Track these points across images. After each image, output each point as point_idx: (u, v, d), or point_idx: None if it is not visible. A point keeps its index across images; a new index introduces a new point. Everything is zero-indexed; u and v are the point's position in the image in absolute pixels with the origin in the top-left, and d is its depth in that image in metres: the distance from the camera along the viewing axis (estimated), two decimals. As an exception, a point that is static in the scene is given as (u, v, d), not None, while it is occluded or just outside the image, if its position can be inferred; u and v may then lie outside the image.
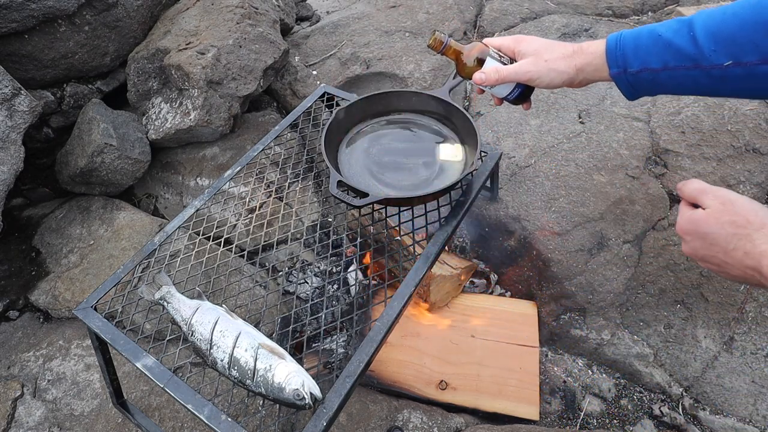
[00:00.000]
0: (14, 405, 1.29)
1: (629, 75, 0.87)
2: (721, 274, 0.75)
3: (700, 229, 0.73)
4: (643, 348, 1.38)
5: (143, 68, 1.84)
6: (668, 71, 0.83)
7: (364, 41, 2.06)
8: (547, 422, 1.33)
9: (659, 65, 0.84)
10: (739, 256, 0.68)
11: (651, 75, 0.85)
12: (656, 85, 0.87)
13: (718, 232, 0.70)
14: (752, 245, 0.66)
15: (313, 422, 0.83)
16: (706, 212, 0.73)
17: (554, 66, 0.92)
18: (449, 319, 1.46)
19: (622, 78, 0.88)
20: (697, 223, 0.74)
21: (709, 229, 0.72)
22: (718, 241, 0.70)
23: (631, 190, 1.45)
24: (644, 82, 0.87)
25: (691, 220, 0.75)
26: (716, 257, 0.72)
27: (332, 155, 1.21)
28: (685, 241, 0.77)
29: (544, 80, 0.93)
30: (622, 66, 0.87)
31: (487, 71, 0.97)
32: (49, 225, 1.70)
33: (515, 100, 1.03)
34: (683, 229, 0.77)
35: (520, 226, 1.46)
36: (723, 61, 0.78)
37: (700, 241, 0.73)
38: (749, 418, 1.27)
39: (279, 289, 1.49)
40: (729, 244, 0.69)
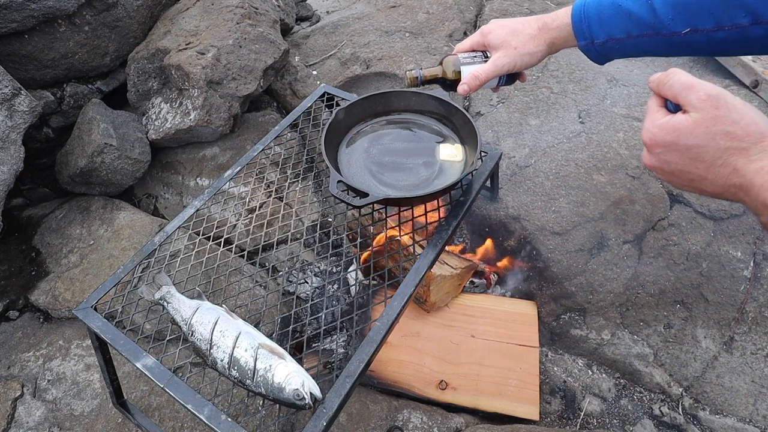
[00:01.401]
0: (14, 405, 1.29)
1: (596, 45, 0.90)
2: (688, 188, 0.65)
3: (681, 140, 0.60)
4: (643, 348, 1.38)
5: (143, 68, 1.84)
6: (632, 39, 0.86)
7: (364, 41, 2.06)
8: (547, 422, 1.33)
9: (623, 35, 0.86)
10: (725, 172, 0.58)
11: (617, 44, 0.88)
12: (624, 52, 0.90)
13: (706, 144, 0.59)
14: (746, 161, 0.57)
15: (313, 422, 0.83)
16: (694, 119, 0.60)
17: (525, 50, 0.94)
18: (449, 319, 1.46)
19: (591, 48, 0.91)
20: (680, 132, 0.61)
21: (695, 141, 0.59)
22: (703, 156, 0.59)
23: (631, 190, 1.45)
24: (612, 51, 0.90)
25: (671, 129, 0.61)
26: (693, 173, 0.61)
27: (332, 155, 1.21)
28: (654, 152, 0.65)
29: (522, 66, 0.96)
30: (589, 38, 0.90)
31: (467, 80, 0.98)
32: (49, 225, 1.70)
33: (506, 84, 1.05)
34: (656, 139, 0.63)
35: (520, 226, 1.46)
36: (681, 29, 0.80)
37: (676, 155, 0.62)
38: (749, 418, 1.27)
39: (279, 289, 1.49)
40: (717, 159, 0.58)
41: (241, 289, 1.37)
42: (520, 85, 1.77)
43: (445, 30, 2.10)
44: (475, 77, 0.96)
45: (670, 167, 0.63)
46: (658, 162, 0.65)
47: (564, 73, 1.77)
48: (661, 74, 0.65)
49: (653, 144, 0.64)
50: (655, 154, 0.64)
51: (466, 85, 0.98)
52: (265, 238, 1.53)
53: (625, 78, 1.74)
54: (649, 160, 0.67)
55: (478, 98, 1.79)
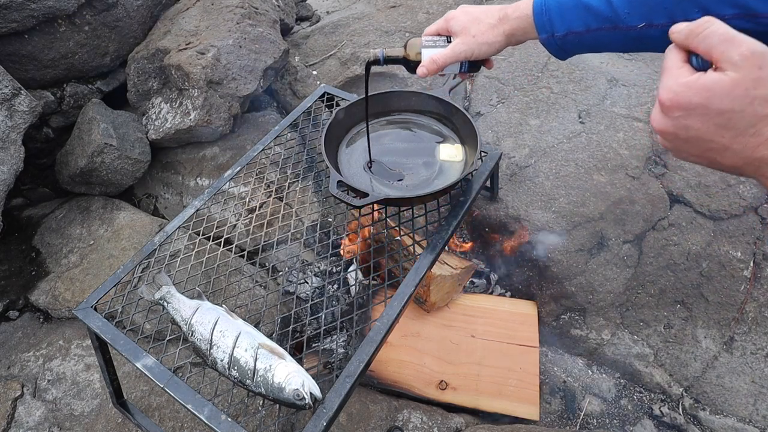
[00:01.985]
0: (14, 405, 1.29)
1: (557, 39, 0.90)
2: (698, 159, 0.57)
3: (714, 103, 0.50)
4: (643, 348, 1.38)
5: (143, 68, 1.84)
6: (591, 33, 0.86)
7: (364, 41, 2.06)
8: (547, 422, 1.33)
9: (582, 28, 0.87)
10: (755, 143, 0.50)
11: (576, 38, 0.89)
12: (583, 46, 0.90)
13: (742, 110, 0.49)
14: None
15: (313, 422, 0.83)
16: (732, 79, 0.49)
17: (483, 40, 0.95)
18: (449, 319, 1.46)
19: (551, 42, 0.91)
20: (713, 94, 0.50)
21: (730, 105, 0.50)
22: (736, 123, 0.50)
23: (631, 190, 1.45)
24: (571, 44, 0.90)
25: (702, 88, 0.51)
26: (715, 141, 0.52)
27: (332, 155, 1.21)
28: (671, 115, 0.54)
29: (479, 55, 0.97)
30: (550, 30, 0.90)
31: (426, 64, 0.99)
32: (49, 225, 1.70)
33: (470, 71, 1.05)
34: (680, 100, 0.53)
35: (520, 226, 1.46)
36: (637, 23, 0.80)
37: (702, 120, 0.52)
38: (749, 418, 1.27)
39: (279, 289, 1.49)
40: (750, 128, 0.50)
41: (241, 289, 1.37)
42: (520, 85, 1.77)
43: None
44: (432, 61, 0.98)
45: (688, 133, 0.54)
46: (674, 127, 0.54)
47: (564, 73, 1.77)
48: (693, 23, 0.54)
49: (675, 105, 0.53)
50: (674, 117, 0.54)
51: (425, 68, 0.99)
52: (265, 238, 1.53)
53: (625, 78, 1.74)
54: (663, 124, 0.56)
55: (478, 98, 1.79)
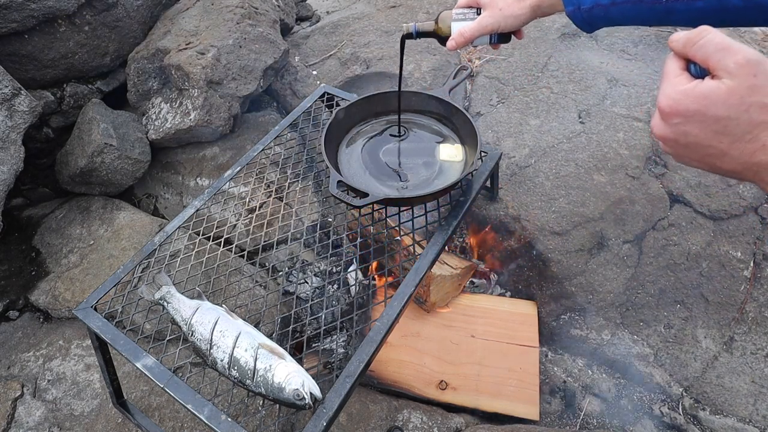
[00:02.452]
0: (14, 405, 1.29)
1: (583, 12, 0.92)
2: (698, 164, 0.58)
3: (710, 111, 0.52)
4: (643, 348, 1.38)
5: (143, 68, 1.84)
6: (617, 6, 0.88)
7: (364, 41, 2.06)
8: (547, 422, 1.33)
9: (608, 1, 0.88)
10: (752, 148, 0.51)
11: (602, 11, 0.90)
12: (609, 20, 0.92)
13: (738, 117, 0.51)
14: None
15: (313, 422, 0.83)
16: (728, 87, 0.51)
17: (509, 12, 0.97)
18: (449, 319, 1.46)
19: (577, 15, 0.93)
20: (710, 101, 0.52)
21: (726, 112, 0.51)
22: (732, 130, 0.51)
23: (631, 190, 1.45)
24: (597, 17, 0.92)
25: (700, 96, 0.53)
26: (714, 147, 0.54)
27: (332, 155, 1.21)
28: (670, 122, 0.56)
29: (506, 27, 0.99)
30: (576, 3, 0.91)
31: (455, 36, 1.02)
32: (49, 225, 1.70)
33: (500, 42, 1.07)
34: (678, 107, 0.54)
35: (520, 226, 1.46)
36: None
37: (700, 126, 0.53)
38: (749, 418, 1.27)
39: (279, 289, 1.49)
40: (747, 134, 0.51)
41: (241, 289, 1.37)
42: (520, 85, 1.77)
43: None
44: (461, 34, 1.01)
45: (687, 139, 0.55)
46: (673, 133, 0.56)
47: (564, 73, 1.77)
48: (690, 32, 0.55)
49: (673, 112, 0.55)
50: (672, 124, 0.55)
51: (454, 41, 1.02)
52: (265, 238, 1.53)
53: (625, 78, 1.74)
54: (663, 130, 0.57)
55: (478, 98, 1.79)
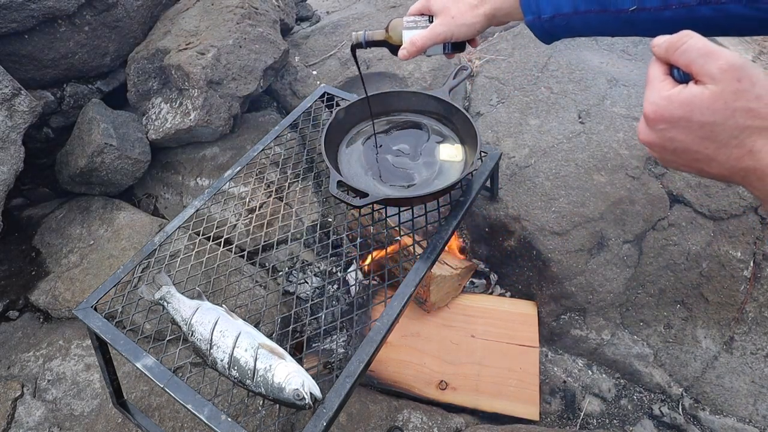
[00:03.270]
0: (14, 405, 1.29)
1: (543, 21, 0.87)
2: (687, 169, 0.58)
3: (695, 116, 0.52)
4: (643, 348, 1.38)
5: (143, 68, 1.84)
6: (580, 15, 0.83)
7: (364, 41, 2.06)
8: (547, 422, 1.33)
9: (570, 9, 0.84)
10: (738, 153, 0.51)
11: (564, 20, 0.86)
12: (570, 30, 0.87)
13: (724, 122, 0.50)
14: (765, 142, 0.50)
15: (313, 422, 0.83)
16: (712, 92, 0.51)
17: (462, 21, 0.93)
18: (449, 319, 1.46)
19: (537, 24, 0.88)
20: (695, 107, 0.52)
21: (711, 118, 0.51)
22: (718, 135, 0.51)
23: (631, 190, 1.45)
24: (558, 27, 0.87)
25: (684, 102, 0.52)
26: (701, 152, 0.54)
27: (332, 155, 1.21)
28: (656, 128, 0.56)
29: (459, 36, 0.94)
30: (536, 12, 0.87)
31: (406, 46, 0.98)
32: (49, 225, 1.70)
33: (453, 52, 1.02)
34: (663, 113, 0.54)
35: (520, 226, 1.46)
36: (628, 6, 0.78)
37: (685, 132, 0.53)
38: (749, 418, 1.27)
39: (279, 289, 1.49)
40: (733, 139, 0.51)
41: (241, 289, 1.37)
42: (520, 85, 1.77)
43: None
44: (412, 43, 0.96)
45: (673, 145, 0.55)
46: (660, 139, 0.56)
47: (564, 73, 1.77)
48: (672, 37, 0.55)
49: (658, 118, 0.55)
50: (658, 130, 0.55)
51: (405, 50, 0.98)
52: (265, 238, 1.53)
53: (625, 78, 1.74)
54: (649, 136, 0.57)
55: (478, 98, 1.79)
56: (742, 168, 0.52)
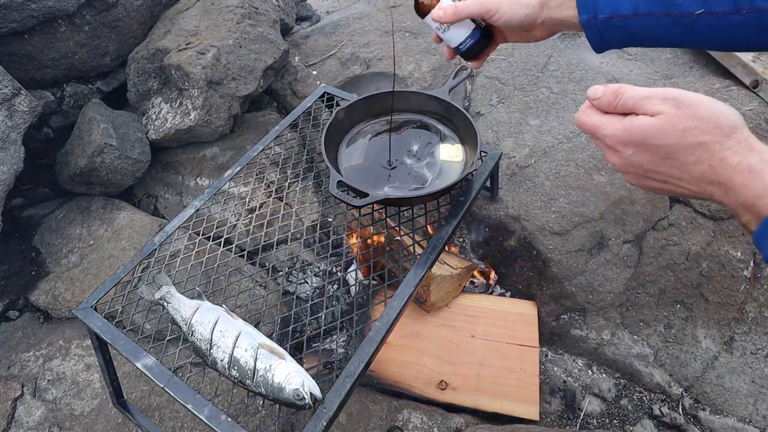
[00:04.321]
0: (14, 405, 1.29)
1: (599, 21, 0.81)
2: (663, 191, 0.62)
3: (649, 140, 0.57)
4: (643, 348, 1.38)
5: (143, 68, 1.84)
6: (639, 18, 0.79)
7: (364, 41, 2.06)
8: (547, 422, 1.33)
9: (630, 10, 0.79)
10: (700, 170, 0.55)
11: (621, 21, 0.80)
12: (627, 34, 0.82)
13: (676, 143, 0.55)
14: (721, 157, 0.54)
15: (313, 422, 0.83)
16: (659, 119, 0.56)
17: None
18: (449, 319, 1.46)
19: (592, 24, 0.81)
20: (647, 133, 0.57)
21: (664, 141, 0.56)
22: (676, 154, 0.56)
23: (631, 190, 1.45)
24: (614, 30, 0.82)
25: (638, 129, 0.58)
26: (668, 173, 0.58)
27: (332, 155, 1.21)
28: (621, 153, 0.60)
29: (505, 13, 0.85)
30: (592, 11, 0.80)
31: (444, 7, 0.90)
32: (49, 225, 1.70)
33: (467, 51, 0.94)
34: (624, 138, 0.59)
35: (520, 226, 1.46)
36: (695, 9, 0.74)
37: (648, 154, 0.58)
38: (749, 418, 1.27)
39: (279, 289, 1.49)
40: (690, 157, 0.55)
41: (241, 289, 1.37)
42: (520, 85, 1.77)
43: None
44: (453, 6, 0.88)
45: (643, 168, 0.60)
46: (631, 165, 0.61)
47: (564, 73, 1.78)
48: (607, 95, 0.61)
49: (623, 143, 0.59)
50: (626, 156, 0.60)
51: (441, 11, 0.91)
52: (265, 238, 1.53)
53: (624, 78, 1.74)
54: (620, 164, 0.62)
55: (478, 98, 1.79)
56: (708, 183, 0.56)
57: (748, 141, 0.54)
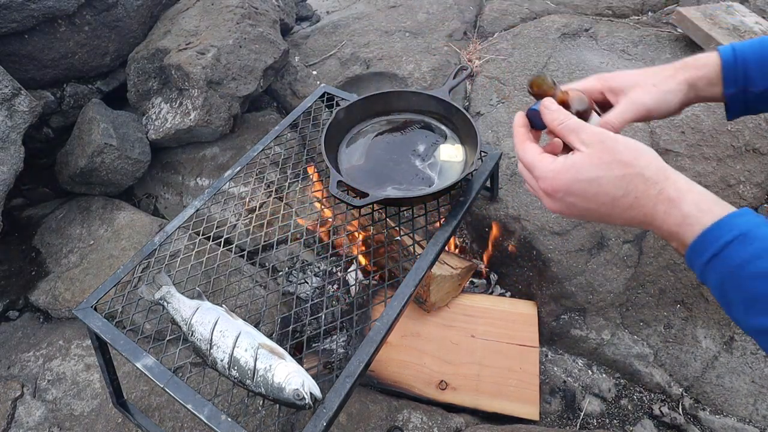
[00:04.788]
0: (14, 405, 1.29)
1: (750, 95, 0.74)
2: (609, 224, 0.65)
3: (582, 174, 0.60)
4: (643, 348, 1.38)
5: (143, 68, 1.84)
6: None
7: (364, 41, 2.06)
8: (547, 422, 1.33)
9: None
10: (627, 203, 0.59)
11: None
12: None
13: (605, 174, 0.59)
14: (645, 188, 0.58)
15: (313, 422, 0.83)
16: (587, 153, 0.61)
17: (666, 88, 0.77)
18: (449, 319, 1.46)
19: (738, 98, 0.75)
20: (578, 167, 0.61)
21: (595, 173, 0.60)
22: (605, 188, 0.60)
23: (631, 190, 1.45)
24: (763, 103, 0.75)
25: (569, 166, 0.62)
26: (600, 210, 0.62)
27: (332, 155, 1.21)
28: (556, 198, 0.64)
29: (662, 109, 0.78)
30: (742, 84, 0.74)
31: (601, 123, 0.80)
32: (49, 225, 1.70)
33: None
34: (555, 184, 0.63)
35: (520, 226, 1.46)
36: None
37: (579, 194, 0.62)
38: (749, 418, 1.27)
39: (279, 289, 1.49)
40: (618, 190, 0.59)
41: (241, 289, 1.37)
42: (520, 85, 1.77)
43: (445, 30, 2.10)
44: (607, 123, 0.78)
45: (578, 207, 0.63)
46: (566, 207, 0.64)
47: (564, 73, 1.77)
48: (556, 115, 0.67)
49: (554, 190, 0.64)
50: (559, 199, 0.64)
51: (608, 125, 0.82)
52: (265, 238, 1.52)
53: (625, 78, 1.74)
54: (555, 207, 0.66)
55: (478, 98, 1.79)
56: (637, 215, 0.59)
57: (665, 171, 0.58)
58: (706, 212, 0.55)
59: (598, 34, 1.92)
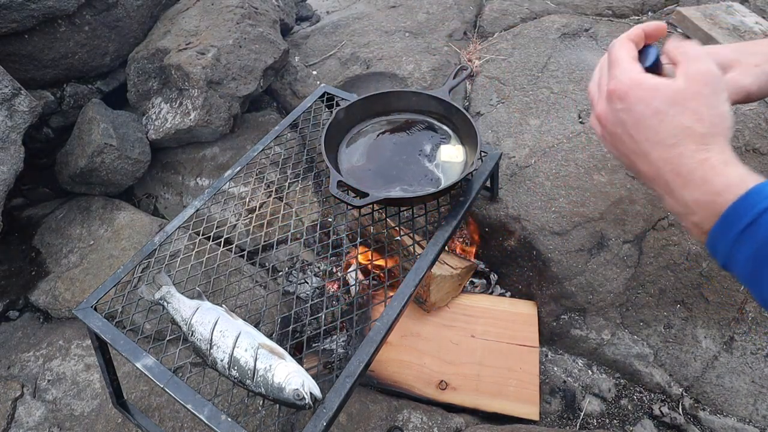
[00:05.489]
0: (14, 405, 1.29)
1: None
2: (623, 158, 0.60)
3: (655, 101, 0.55)
4: (643, 348, 1.38)
5: (143, 68, 1.84)
6: None
7: (364, 41, 2.06)
8: (547, 422, 1.33)
9: None
10: (669, 155, 0.54)
11: None
12: None
13: (674, 116, 0.54)
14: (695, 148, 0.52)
15: (313, 422, 0.83)
16: (678, 86, 0.55)
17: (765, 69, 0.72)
18: (449, 319, 1.46)
19: None
20: (658, 93, 0.55)
21: (666, 108, 0.54)
22: (662, 127, 0.54)
23: (631, 190, 1.45)
24: None
25: (651, 87, 0.56)
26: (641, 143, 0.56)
27: (332, 155, 1.21)
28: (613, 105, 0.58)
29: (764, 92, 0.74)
30: None
31: None
32: (49, 225, 1.70)
33: None
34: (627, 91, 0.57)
35: (520, 226, 1.46)
36: None
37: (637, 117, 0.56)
38: (749, 418, 1.27)
39: (279, 289, 1.49)
40: (671, 138, 0.54)
41: (241, 289, 1.37)
42: (520, 85, 1.77)
43: (445, 30, 2.10)
44: None
45: (623, 127, 0.58)
46: (613, 117, 0.59)
47: (564, 73, 1.77)
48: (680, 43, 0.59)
49: (619, 96, 0.57)
50: (615, 108, 0.58)
51: None
52: (265, 238, 1.53)
53: (625, 78, 1.74)
54: (604, 110, 0.60)
55: (478, 98, 1.79)
56: (670, 170, 0.54)
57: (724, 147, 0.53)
58: (749, 183, 0.50)
59: (598, 34, 1.92)
